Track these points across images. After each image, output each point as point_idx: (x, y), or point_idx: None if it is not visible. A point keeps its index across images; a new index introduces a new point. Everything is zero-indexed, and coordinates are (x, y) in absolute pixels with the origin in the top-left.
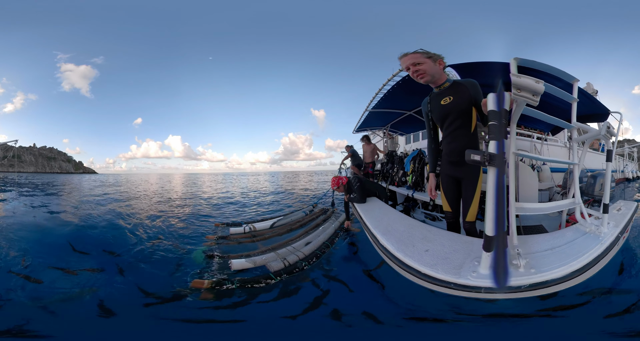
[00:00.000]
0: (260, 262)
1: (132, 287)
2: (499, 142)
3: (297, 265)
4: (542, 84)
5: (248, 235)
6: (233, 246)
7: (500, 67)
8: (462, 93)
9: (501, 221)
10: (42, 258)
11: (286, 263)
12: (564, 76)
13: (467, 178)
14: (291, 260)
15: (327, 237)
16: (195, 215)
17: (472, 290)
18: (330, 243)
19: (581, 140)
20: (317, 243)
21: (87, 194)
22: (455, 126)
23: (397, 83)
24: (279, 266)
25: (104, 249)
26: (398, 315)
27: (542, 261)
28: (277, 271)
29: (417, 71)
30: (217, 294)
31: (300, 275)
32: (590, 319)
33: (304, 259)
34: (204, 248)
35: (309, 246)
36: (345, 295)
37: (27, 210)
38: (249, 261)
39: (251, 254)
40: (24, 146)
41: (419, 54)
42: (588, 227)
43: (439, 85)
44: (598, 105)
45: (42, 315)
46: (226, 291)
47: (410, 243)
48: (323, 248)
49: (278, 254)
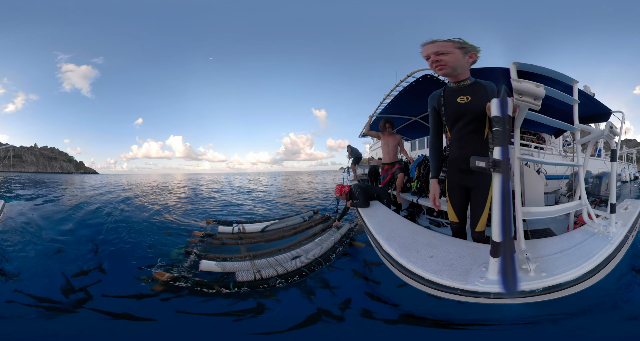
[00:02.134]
0: (229, 269)
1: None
2: (504, 148)
3: (268, 281)
4: (543, 88)
5: (235, 236)
6: (216, 246)
7: (501, 73)
8: (481, 95)
9: (508, 226)
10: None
11: (257, 276)
12: (563, 78)
13: (478, 188)
14: (265, 274)
15: (321, 251)
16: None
17: (480, 295)
18: (324, 261)
19: (584, 142)
20: (307, 259)
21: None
22: (468, 130)
23: (405, 88)
24: (247, 277)
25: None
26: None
27: (552, 264)
28: (241, 282)
29: (438, 61)
30: (167, 288)
31: (265, 292)
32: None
33: (283, 275)
34: (182, 246)
35: (296, 261)
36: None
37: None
38: (218, 265)
39: (227, 258)
40: (25, 146)
41: (450, 43)
42: (596, 228)
43: (459, 81)
44: (599, 105)
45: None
46: (176, 288)
47: (415, 249)
48: (312, 266)
49: (253, 264)
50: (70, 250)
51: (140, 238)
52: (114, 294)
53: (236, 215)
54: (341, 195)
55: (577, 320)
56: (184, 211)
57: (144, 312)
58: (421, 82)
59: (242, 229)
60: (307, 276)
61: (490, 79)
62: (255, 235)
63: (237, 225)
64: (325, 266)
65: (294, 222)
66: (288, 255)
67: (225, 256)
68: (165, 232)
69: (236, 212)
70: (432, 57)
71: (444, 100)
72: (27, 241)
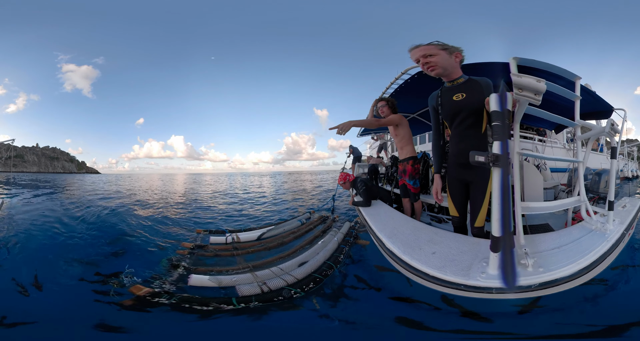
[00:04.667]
0: (227, 283)
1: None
2: (503, 142)
3: (281, 293)
4: (544, 83)
5: (229, 246)
6: (208, 258)
7: (501, 68)
8: (476, 92)
9: (507, 221)
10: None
11: (264, 289)
12: (565, 74)
13: (476, 182)
14: (273, 285)
15: (328, 254)
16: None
17: (483, 291)
18: (334, 263)
19: (585, 138)
20: (316, 264)
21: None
22: (465, 125)
23: (401, 85)
24: (253, 291)
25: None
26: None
27: (549, 260)
28: (247, 296)
29: (428, 63)
30: (140, 303)
31: (284, 304)
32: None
33: (295, 284)
34: (169, 257)
35: (303, 267)
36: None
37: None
38: (212, 279)
39: (223, 271)
40: (27, 146)
41: (432, 46)
42: (594, 225)
43: (453, 80)
44: (601, 102)
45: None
46: (154, 303)
47: (417, 246)
48: (324, 270)
49: (256, 276)
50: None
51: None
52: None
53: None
54: (344, 183)
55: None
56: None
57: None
58: (416, 79)
59: (236, 238)
60: (322, 282)
61: (489, 73)
62: (252, 244)
63: (231, 234)
64: (337, 269)
65: (292, 226)
66: (293, 262)
67: (220, 269)
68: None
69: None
70: (421, 59)
71: (441, 99)
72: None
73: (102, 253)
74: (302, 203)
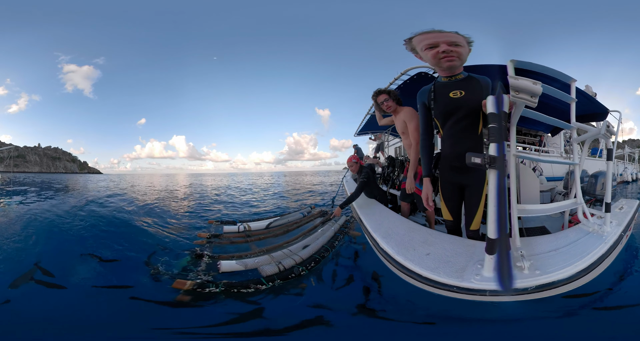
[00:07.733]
0: (252, 265)
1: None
2: (500, 144)
3: (293, 270)
4: (540, 85)
5: (242, 234)
6: (225, 246)
7: (497, 70)
8: (476, 90)
9: (503, 223)
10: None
11: (281, 268)
12: (561, 77)
13: (472, 185)
14: (287, 265)
15: (326, 239)
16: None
17: (477, 293)
18: (330, 247)
19: (581, 140)
20: (316, 247)
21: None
22: (461, 126)
23: (399, 87)
24: (273, 270)
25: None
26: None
27: (546, 262)
28: (270, 275)
29: (450, 52)
30: (196, 297)
31: (295, 282)
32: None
33: (301, 263)
34: (192, 249)
35: (306, 249)
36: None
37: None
38: (239, 263)
39: (243, 256)
40: (28, 146)
41: (462, 37)
42: (591, 227)
43: (452, 75)
44: (597, 104)
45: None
46: (208, 294)
47: (411, 246)
48: (322, 252)
49: (272, 257)
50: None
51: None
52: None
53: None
54: (355, 163)
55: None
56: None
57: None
58: (415, 80)
59: (247, 227)
60: (320, 262)
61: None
62: (262, 231)
63: (242, 224)
64: (332, 252)
65: (295, 218)
66: (299, 245)
67: (240, 255)
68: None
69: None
70: (444, 46)
71: (435, 95)
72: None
73: (126, 250)
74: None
